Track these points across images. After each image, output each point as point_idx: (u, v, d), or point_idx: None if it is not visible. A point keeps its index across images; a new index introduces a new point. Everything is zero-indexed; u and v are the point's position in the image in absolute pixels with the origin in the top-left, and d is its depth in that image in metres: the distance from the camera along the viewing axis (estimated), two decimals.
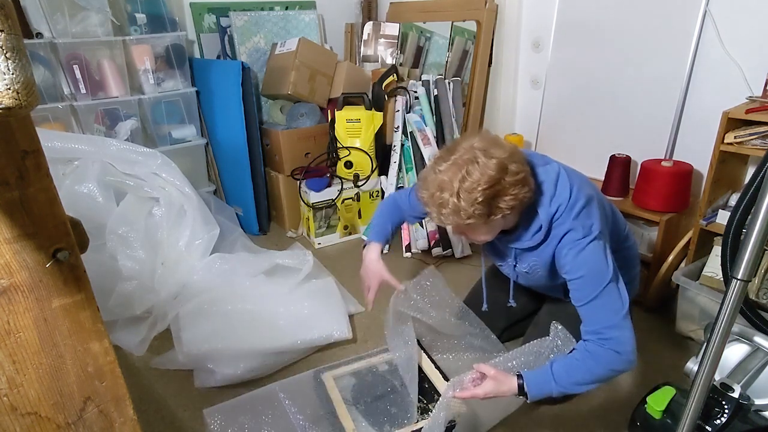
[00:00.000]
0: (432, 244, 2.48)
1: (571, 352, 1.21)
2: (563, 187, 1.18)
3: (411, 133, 2.52)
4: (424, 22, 2.84)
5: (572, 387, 1.16)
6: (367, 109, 2.53)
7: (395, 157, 2.54)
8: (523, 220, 1.22)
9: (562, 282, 1.29)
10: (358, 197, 2.63)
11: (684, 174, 1.86)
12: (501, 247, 1.36)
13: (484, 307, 1.59)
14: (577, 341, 1.22)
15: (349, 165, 2.54)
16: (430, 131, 2.54)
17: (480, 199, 1.06)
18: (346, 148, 2.53)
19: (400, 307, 1.53)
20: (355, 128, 2.53)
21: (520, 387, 1.17)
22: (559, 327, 1.27)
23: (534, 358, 1.26)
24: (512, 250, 1.32)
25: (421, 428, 1.30)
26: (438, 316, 1.57)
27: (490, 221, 1.13)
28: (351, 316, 1.97)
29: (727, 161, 1.68)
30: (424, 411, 1.42)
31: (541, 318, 1.56)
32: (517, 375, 1.18)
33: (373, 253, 1.51)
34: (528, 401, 1.19)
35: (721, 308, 0.86)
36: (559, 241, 1.18)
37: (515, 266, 1.37)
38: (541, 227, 1.19)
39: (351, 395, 1.50)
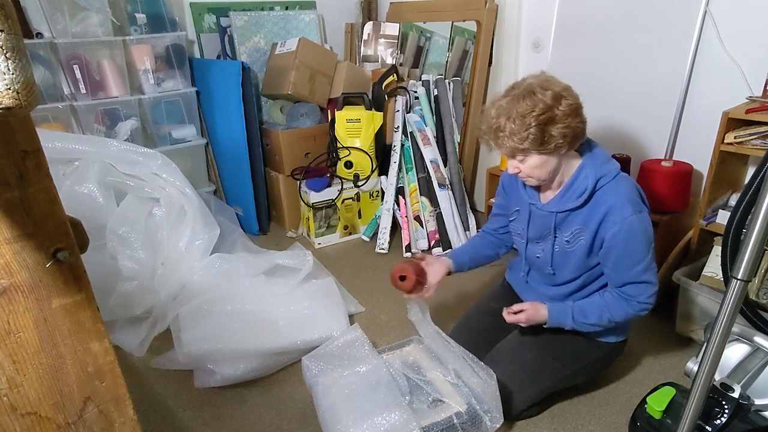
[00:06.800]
0: (432, 244, 2.48)
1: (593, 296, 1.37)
2: (611, 161, 1.31)
3: (411, 133, 2.52)
4: (424, 22, 2.83)
5: (583, 327, 1.35)
6: (367, 109, 2.53)
7: (395, 157, 2.54)
8: (567, 175, 1.31)
9: (595, 263, 1.35)
10: (358, 197, 2.63)
11: (684, 174, 1.86)
12: (541, 215, 1.36)
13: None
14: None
15: (349, 165, 2.54)
16: (430, 131, 2.54)
17: (533, 124, 1.16)
18: (346, 148, 2.53)
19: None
20: (355, 128, 2.53)
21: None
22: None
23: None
24: (552, 218, 1.33)
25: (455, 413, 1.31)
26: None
27: (543, 150, 1.20)
28: (351, 316, 1.97)
29: (727, 161, 1.68)
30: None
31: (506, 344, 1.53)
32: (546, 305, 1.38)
33: (441, 262, 1.56)
34: (545, 325, 1.38)
35: (721, 308, 0.86)
36: (607, 211, 1.24)
37: (555, 239, 1.36)
38: (586, 189, 1.26)
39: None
